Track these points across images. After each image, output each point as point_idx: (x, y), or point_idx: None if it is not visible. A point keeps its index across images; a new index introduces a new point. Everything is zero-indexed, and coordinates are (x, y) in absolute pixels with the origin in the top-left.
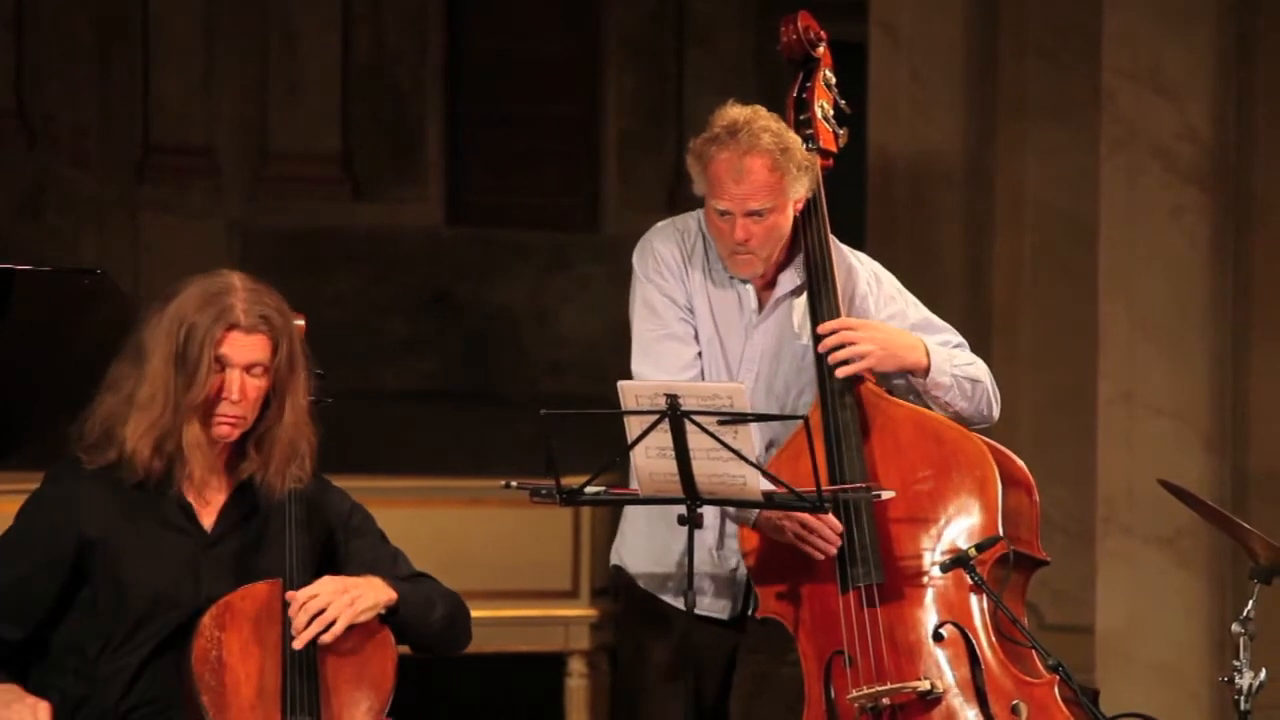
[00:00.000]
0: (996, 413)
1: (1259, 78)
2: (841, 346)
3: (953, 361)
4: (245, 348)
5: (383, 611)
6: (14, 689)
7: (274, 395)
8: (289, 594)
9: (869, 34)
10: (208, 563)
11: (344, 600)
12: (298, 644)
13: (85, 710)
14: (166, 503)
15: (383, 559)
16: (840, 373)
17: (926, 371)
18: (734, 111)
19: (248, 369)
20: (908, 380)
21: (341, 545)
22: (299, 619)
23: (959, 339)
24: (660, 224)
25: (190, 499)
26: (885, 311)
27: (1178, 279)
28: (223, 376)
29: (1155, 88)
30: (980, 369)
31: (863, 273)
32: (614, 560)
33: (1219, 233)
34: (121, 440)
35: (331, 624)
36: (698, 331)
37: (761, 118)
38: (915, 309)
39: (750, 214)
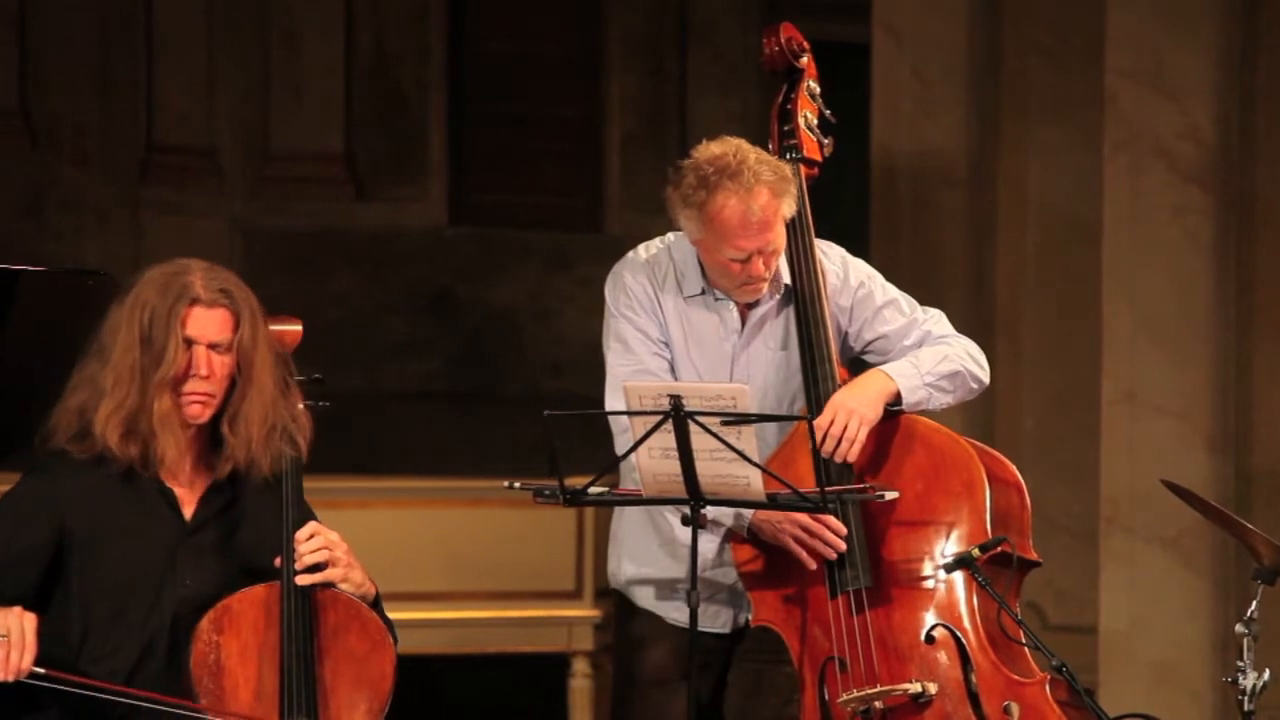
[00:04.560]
0: (986, 375)
1: (1261, 77)
2: (837, 442)
3: (920, 370)
4: (208, 323)
5: (363, 600)
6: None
7: (240, 373)
8: (298, 532)
9: (872, 35)
10: (186, 551)
11: (346, 560)
12: (299, 564)
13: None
14: (148, 491)
15: None
16: (851, 457)
17: (900, 396)
18: (715, 149)
19: (212, 346)
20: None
21: None
22: (305, 545)
23: (928, 318)
24: (629, 254)
25: (171, 486)
26: (857, 295)
27: (1180, 279)
28: (190, 354)
29: (1158, 87)
30: (953, 353)
31: (830, 266)
32: (611, 584)
33: (1222, 232)
34: (93, 427)
35: (326, 573)
36: (675, 362)
37: (745, 149)
38: (883, 290)
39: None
